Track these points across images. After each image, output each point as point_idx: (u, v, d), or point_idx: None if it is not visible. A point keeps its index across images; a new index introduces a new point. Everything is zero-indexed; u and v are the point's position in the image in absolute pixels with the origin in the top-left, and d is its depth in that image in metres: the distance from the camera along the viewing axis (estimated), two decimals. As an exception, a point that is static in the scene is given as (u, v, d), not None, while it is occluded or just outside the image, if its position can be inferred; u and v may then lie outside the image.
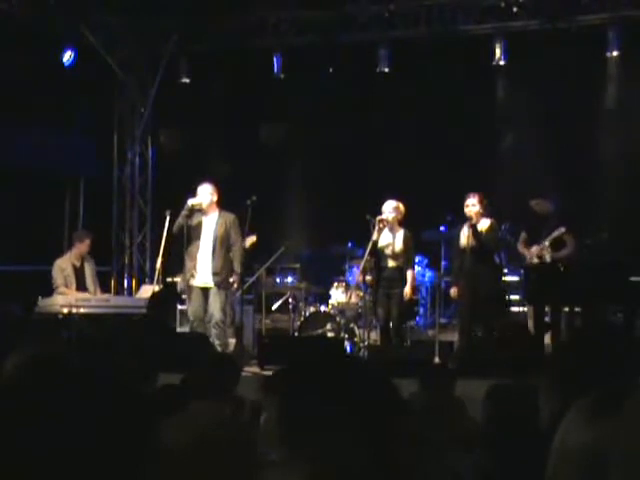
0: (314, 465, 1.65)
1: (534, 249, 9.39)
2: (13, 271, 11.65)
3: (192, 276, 9.63)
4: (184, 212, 9.58)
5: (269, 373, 4.78)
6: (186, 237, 9.67)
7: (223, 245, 9.64)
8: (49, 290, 10.41)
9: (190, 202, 9.59)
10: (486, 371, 7.58)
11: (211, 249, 9.62)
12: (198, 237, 9.66)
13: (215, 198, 9.71)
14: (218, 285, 9.55)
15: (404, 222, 9.92)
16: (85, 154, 13.39)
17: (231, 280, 9.63)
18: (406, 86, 12.60)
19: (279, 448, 1.72)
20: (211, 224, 9.68)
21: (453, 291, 9.78)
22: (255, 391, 4.39)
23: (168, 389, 4.33)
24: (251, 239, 10.19)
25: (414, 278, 10.02)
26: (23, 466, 1.36)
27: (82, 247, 10.60)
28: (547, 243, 9.31)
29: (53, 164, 12.92)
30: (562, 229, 9.27)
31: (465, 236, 9.49)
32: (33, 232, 11.97)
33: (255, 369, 9.15)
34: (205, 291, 9.61)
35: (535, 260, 9.40)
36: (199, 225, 9.66)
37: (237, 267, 9.69)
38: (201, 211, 9.65)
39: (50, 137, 12.71)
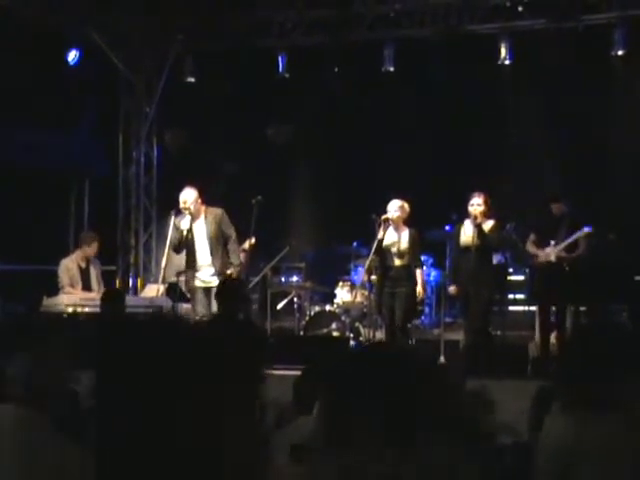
0: (347, 459, 1.73)
1: (549, 249, 9.32)
2: (19, 270, 11.66)
3: (192, 279, 9.68)
4: (178, 236, 9.60)
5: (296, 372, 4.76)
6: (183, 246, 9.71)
7: (219, 242, 9.64)
8: (54, 290, 10.42)
9: (185, 229, 9.58)
10: (491, 369, 7.58)
11: (209, 251, 9.64)
12: (193, 243, 9.68)
13: (199, 202, 9.68)
14: None
15: (409, 221, 9.90)
16: (90, 154, 13.40)
17: (228, 272, 9.62)
18: (411, 85, 12.58)
19: (320, 440, 1.90)
20: (201, 227, 9.69)
21: (453, 289, 9.72)
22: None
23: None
24: (249, 242, 10.18)
25: (423, 276, 10.03)
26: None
27: (89, 250, 10.61)
28: (563, 245, 9.26)
29: (59, 164, 12.93)
30: (586, 229, 9.21)
31: (467, 235, 9.47)
32: (38, 232, 11.97)
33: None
34: (207, 290, 9.62)
35: (552, 258, 9.32)
36: (190, 232, 9.66)
37: (234, 259, 9.69)
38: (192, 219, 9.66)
39: (55, 137, 12.71)
